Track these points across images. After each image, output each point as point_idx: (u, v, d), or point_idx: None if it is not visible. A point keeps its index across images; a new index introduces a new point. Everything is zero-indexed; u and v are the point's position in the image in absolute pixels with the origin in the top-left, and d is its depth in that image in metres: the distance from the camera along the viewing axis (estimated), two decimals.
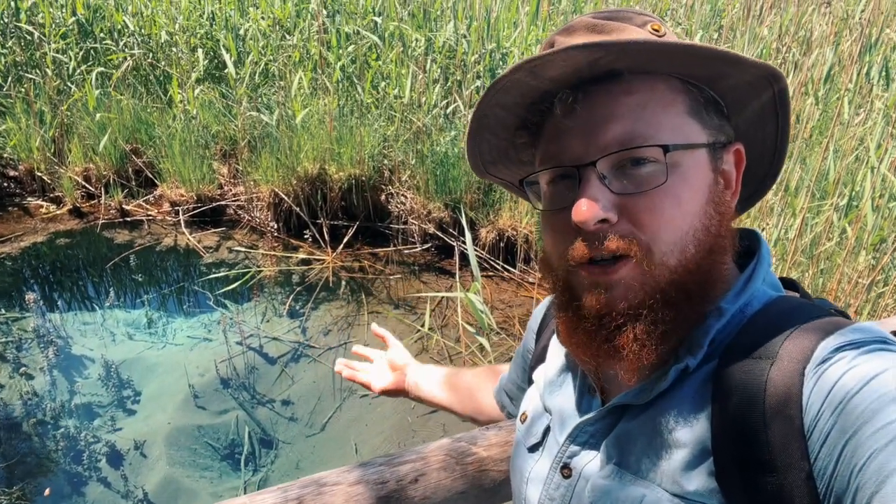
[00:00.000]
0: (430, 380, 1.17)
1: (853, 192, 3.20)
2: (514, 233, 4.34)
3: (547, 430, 0.77)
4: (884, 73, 4.28)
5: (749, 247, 0.70)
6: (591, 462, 0.68)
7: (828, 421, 0.50)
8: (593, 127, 0.63)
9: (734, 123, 0.69)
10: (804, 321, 0.58)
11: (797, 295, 0.69)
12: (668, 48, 0.59)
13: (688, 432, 0.60)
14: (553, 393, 0.79)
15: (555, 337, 0.83)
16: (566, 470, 0.70)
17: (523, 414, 0.83)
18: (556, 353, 0.82)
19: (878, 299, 2.82)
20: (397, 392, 1.21)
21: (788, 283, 0.71)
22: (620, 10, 0.69)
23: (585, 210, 0.60)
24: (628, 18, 0.67)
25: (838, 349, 0.54)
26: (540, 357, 0.87)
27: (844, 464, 0.48)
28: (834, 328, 0.56)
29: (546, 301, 0.95)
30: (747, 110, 0.69)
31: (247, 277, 4.24)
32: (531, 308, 3.88)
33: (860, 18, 4.90)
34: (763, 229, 3.38)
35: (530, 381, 0.88)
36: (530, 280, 4.21)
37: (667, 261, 0.61)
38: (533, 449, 0.78)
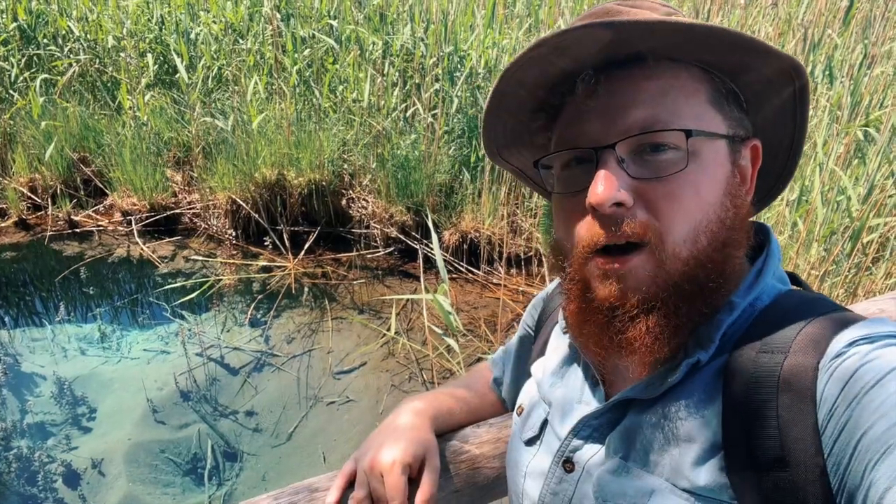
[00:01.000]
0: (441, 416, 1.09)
1: (803, 187, 3.31)
2: (478, 234, 4.34)
3: (545, 424, 0.75)
4: (827, 73, 4.44)
5: (759, 240, 0.70)
6: (595, 456, 0.67)
7: (842, 416, 0.50)
8: (614, 110, 0.62)
9: (752, 119, 0.69)
10: (816, 315, 0.58)
11: (800, 289, 0.69)
12: (701, 30, 0.58)
13: (697, 427, 0.59)
14: (554, 385, 0.77)
15: (556, 329, 0.82)
16: (568, 464, 0.69)
17: (519, 407, 0.82)
18: (558, 345, 0.81)
19: (832, 290, 2.92)
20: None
21: (791, 278, 0.71)
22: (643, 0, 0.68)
23: (602, 191, 0.59)
24: (652, 8, 0.67)
25: (852, 343, 0.53)
26: (540, 350, 0.86)
27: (858, 459, 0.48)
28: (847, 322, 0.56)
29: (541, 295, 0.93)
30: (766, 107, 0.69)
31: (205, 287, 4.13)
32: (496, 309, 3.89)
33: (802, 20, 5.08)
34: None
35: (528, 375, 0.86)
36: (495, 281, 4.22)
37: (679, 252, 0.60)
38: (530, 442, 0.76)
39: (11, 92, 5.09)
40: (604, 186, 0.60)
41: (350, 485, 0.79)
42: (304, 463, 2.96)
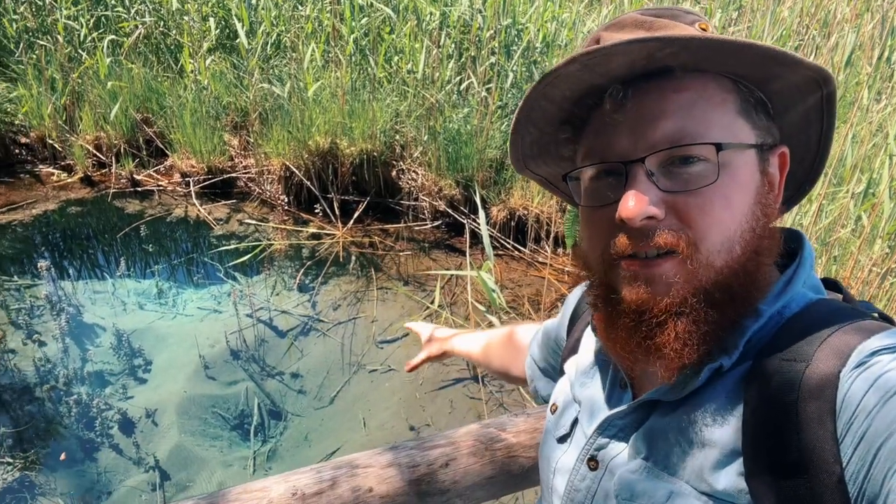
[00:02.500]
0: (468, 341, 1.28)
1: (870, 180, 3.17)
2: (526, 212, 4.32)
3: (575, 422, 0.77)
4: None
5: (791, 246, 0.69)
6: (618, 455, 0.68)
7: (862, 424, 0.50)
8: (642, 123, 0.62)
9: (778, 125, 0.68)
10: (842, 324, 0.58)
11: (839, 297, 0.68)
12: (731, 46, 0.57)
13: (719, 431, 0.60)
14: (584, 385, 0.78)
15: (588, 329, 0.83)
16: (593, 462, 0.70)
17: (553, 405, 0.83)
18: (589, 345, 0.81)
19: (893, 289, 2.80)
20: (441, 356, 1.33)
21: (831, 284, 0.70)
22: (668, 8, 0.68)
23: (633, 206, 0.59)
24: (676, 16, 0.66)
25: (875, 353, 0.53)
26: (573, 349, 0.86)
27: (878, 468, 0.48)
28: (872, 331, 0.56)
29: (578, 290, 0.94)
30: (792, 113, 0.68)
31: (257, 250, 4.25)
32: (541, 288, 3.89)
33: (882, 2, 4.80)
34: None
35: (562, 372, 0.87)
36: (540, 260, 4.21)
37: (713, 261, 0.60)
38: (562, 440, 0.78)
39: (80, 51, 5.27)
40: (634, 201, 0.60)
41: None
42: (344, 427, 3.05)
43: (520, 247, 4.32)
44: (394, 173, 4.83)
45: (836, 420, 0.52)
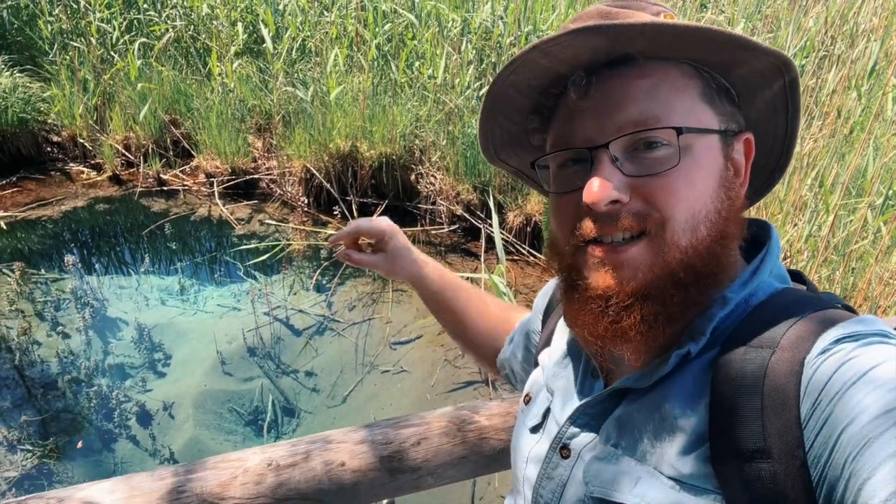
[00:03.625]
0: (443, 278, 1.11)
1: (890, 191, 3.13)
2: (542, 218, 4.34)
3: (547, 412, 0.78)
4: None
5: (759, 238, 0.70)
6: (589, 443, 0.70)
7: (824, 410, 0.51)
8: (606, 109, 0.63)
9: (744, 113, 0.70)
10: (807, 312, 0.59)
11: (804, 288, 0.69)
12: (684, 30, 0.59)
13: (686, 417, 0.61)
14: (557, 375, 0.80)
15: (561, 320, 0.84)
16: (565, 450, 0.72)
17: (527, 395, 0.85)
18: (562, 335, 0.83)
19: None
20: (389, 266, 1.13)
21: (796, 276, 0.71)
22: (636, 0, 0.69)
23: (597, 190, 0.61)
24: (641, 7, 0.67)
25: (839, 340, 0.54)
26: (546, 341, 0.88)
27: (839, 452, 0.49)
28: (836, 320, 0.57)
29: (551, 283, 0.95)
30: (758, 100, 0.69)
31: (276, 250, 4.33)
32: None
33: None
34: (795, 225, 3.33)
35: (535, 364, 0.89)
36: None
37: (678, 241, 0.62)
38: (534, 430, 0.79)
39: (112, 53, 5.42)
40: (599, 186, 0.61)
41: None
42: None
43: (535, 252, 4.34)
44: (412, 177, 4.88)
45: (800, 405, 0.53)
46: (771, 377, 0.56)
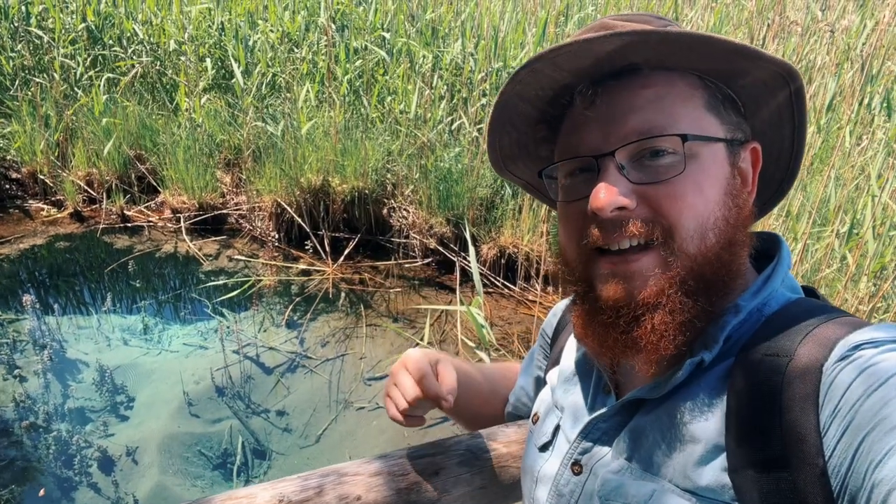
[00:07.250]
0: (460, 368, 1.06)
1: (854, 220, 3.21)
2: (516, 250, 4.34)
3: (557, 429, 0.76)
4: (885, 105, 4.32)
5: (769, 249, 0.70)
6: (602, 458, 0.68)
7: (845, 418, 0.50)
8: (612, 118, 0.64)
9: (751, 123, 0.70)
10: (823, 320, 0.58)
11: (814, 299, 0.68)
12: (690, 39, 0.59)
13: (702, 427, 0.59)
14: (567, 392, 0.78)
15: (571, 337, 0.83)
16: (577, 467, 0.70)
17: (535, 415, 0.83)
18: (572, 352, 0.82)
19: None
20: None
21: (808, 292, 0.71)
22: (639, 14, 0.70)
23: (603, 197, 0.61)
24: (647, 21, 0.68)
25: (858, 347, 0.53)
26: (556, 360, 0.87)
27: (861, 460, 0.48)
28: (855, 326, 0.56)
29: (561, 305, 0.94)
30: (764, 110, 0.69)
31: (246, 286, 4.22)
32: (531, 326, 3.87)
33: (861, 51, 4.95)
34: None
35: (544, 383, 0.87)
36: (530, 298, 4.20)
37: (687, 248, 0.61)
38: (543, 448, 0.77)
39: (76, 89, 5.32)
40: (605, 192, 0.61)
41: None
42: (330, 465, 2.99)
43: (509, 285, 4.32)
44: (385, 211, 4.85)
45: (819, 413, 0.52)
46: (788, 385, 0.54)
